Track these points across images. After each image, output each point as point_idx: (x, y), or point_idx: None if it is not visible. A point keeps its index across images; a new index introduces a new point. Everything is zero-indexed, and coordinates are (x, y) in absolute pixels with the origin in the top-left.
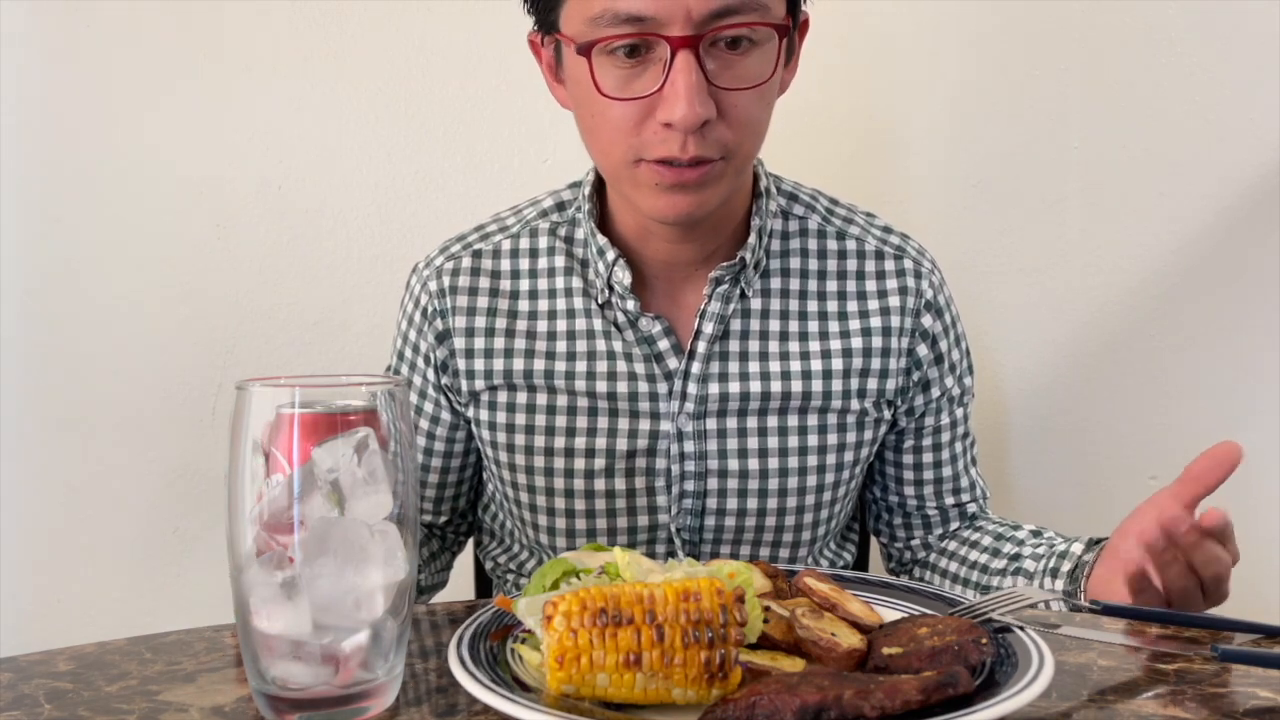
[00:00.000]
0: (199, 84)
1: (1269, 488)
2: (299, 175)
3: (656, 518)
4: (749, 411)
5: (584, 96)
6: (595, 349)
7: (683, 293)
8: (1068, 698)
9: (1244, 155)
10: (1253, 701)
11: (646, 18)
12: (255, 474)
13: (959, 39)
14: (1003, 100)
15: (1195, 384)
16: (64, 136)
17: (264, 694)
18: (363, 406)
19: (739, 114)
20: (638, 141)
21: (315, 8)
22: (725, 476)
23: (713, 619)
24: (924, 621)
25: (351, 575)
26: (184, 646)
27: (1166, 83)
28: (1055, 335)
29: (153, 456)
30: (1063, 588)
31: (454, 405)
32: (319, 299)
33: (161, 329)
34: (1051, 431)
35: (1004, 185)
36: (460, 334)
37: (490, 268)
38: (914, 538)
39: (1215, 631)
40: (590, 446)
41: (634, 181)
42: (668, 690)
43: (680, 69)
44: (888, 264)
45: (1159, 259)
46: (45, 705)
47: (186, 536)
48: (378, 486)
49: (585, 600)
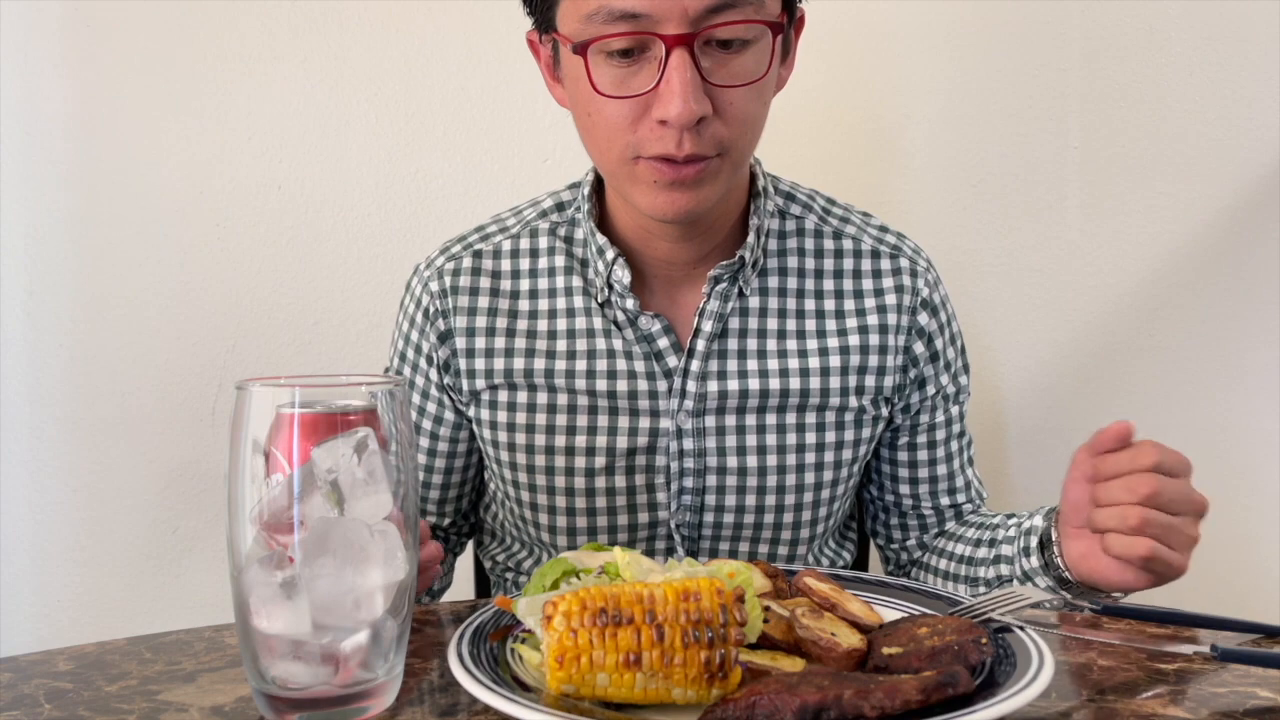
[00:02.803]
0: (199, 84)
1: (1269, 488)
2: (299, 175)
3: (656, 515)
4: (748, 409)
5: (581, 95)
6: (595, 348)
7: (681, 292)
8: (1068, 698)
9: (1244, 155)
10: (1252, 701)
11: (641, 15)
12: (255, 474)
13: (959, 38)
14: (1003, 100)
15: (1195, 384)
16: (64, 136)
17: (264, 694)
18: (363, 406)
19: (735, 111)
20: (634, 139)
21: (315, 8)
22: (724, 474)
23: (713, 619)
24: (924, 621)
25: (351, 575)
26: (184, 646)
27: (1166, 83)
28: (1055, 335)
29: (153, 456)
30: (1037, 563)
31: (456, 405)
32: (319, 299)
33: (161, 328)
34: (1051, 431)
35: (1004, 185)
36: (461, 334)
37: (490, 268)
38: (909, 538)
39: (1215, 631)
40: (590, 445)
41: (632, 179)
42: (668, 690)
43: (675, 66)
44: (884, 263)
45: (1159, 259)
46: (45, 705)
47: (186, 536)
48: (377, 486)
49: (585, 600)
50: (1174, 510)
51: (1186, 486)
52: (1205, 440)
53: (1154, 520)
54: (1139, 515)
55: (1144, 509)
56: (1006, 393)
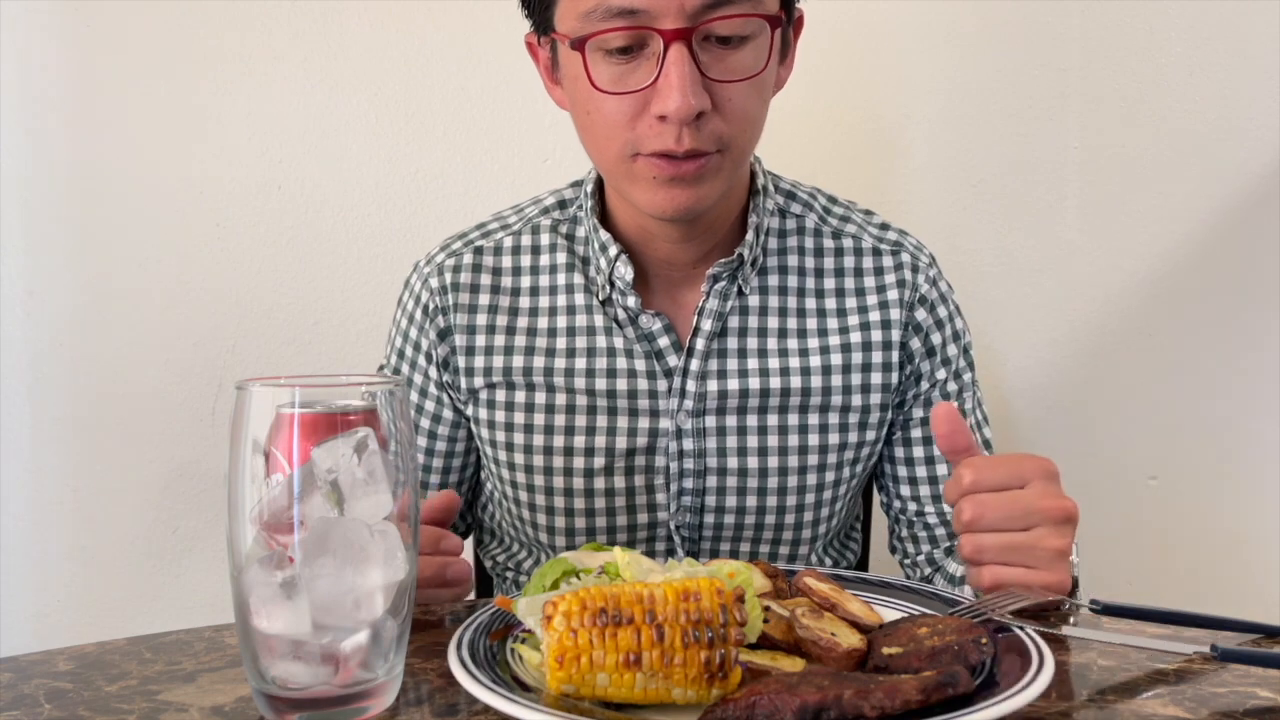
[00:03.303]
0: (199, 84)
1: (1269, 488)
2: (299, 175)
3: (656, 516)
4: (748, 409)
5: (579, 93)
6: (595, 346)
7: (682, 290)
8: (1068, 698)
9: (1244, 155)
10: (1253, 701)
11: (639, 10)
12: (255, 474)
13: (959, 39)
14: (1003, 100)
15: (1195, 384)
16: (64, 136)
17: (264, 694)
18: (363, 406)
19: (733, 107)
20: (633, 136)
21: (315, 8)
22: (724, 474)
23: (713, 619)
24: (924, 621)
25: (351, 575)
26: (184, 646)
27: (1166, 83)
28: (1055, 335)
29: (153, 456)
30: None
31: (455, 404)
32: (319, 299)
33: (162, 329)
34: (1051, 431)
35: (1004, 185)
36: (461, 331)
37: (491, 265)
38: (920, 553)
39: (1215, 631)
40: (590, 445)
41: (631, 177)
42: (668, 690)
43: (674, 61)
44: (885, 260)
45: (1159, 259)
46: (45, 705)
47: (186, 536)
48: (377, 486)
49: (585, 600)
50: (1008, 527)
51: (1026, 498)
52: (1205, 440)
53: (985, 545)
54: (969, 544)
55: (972, 536)
56: (1006, 393)
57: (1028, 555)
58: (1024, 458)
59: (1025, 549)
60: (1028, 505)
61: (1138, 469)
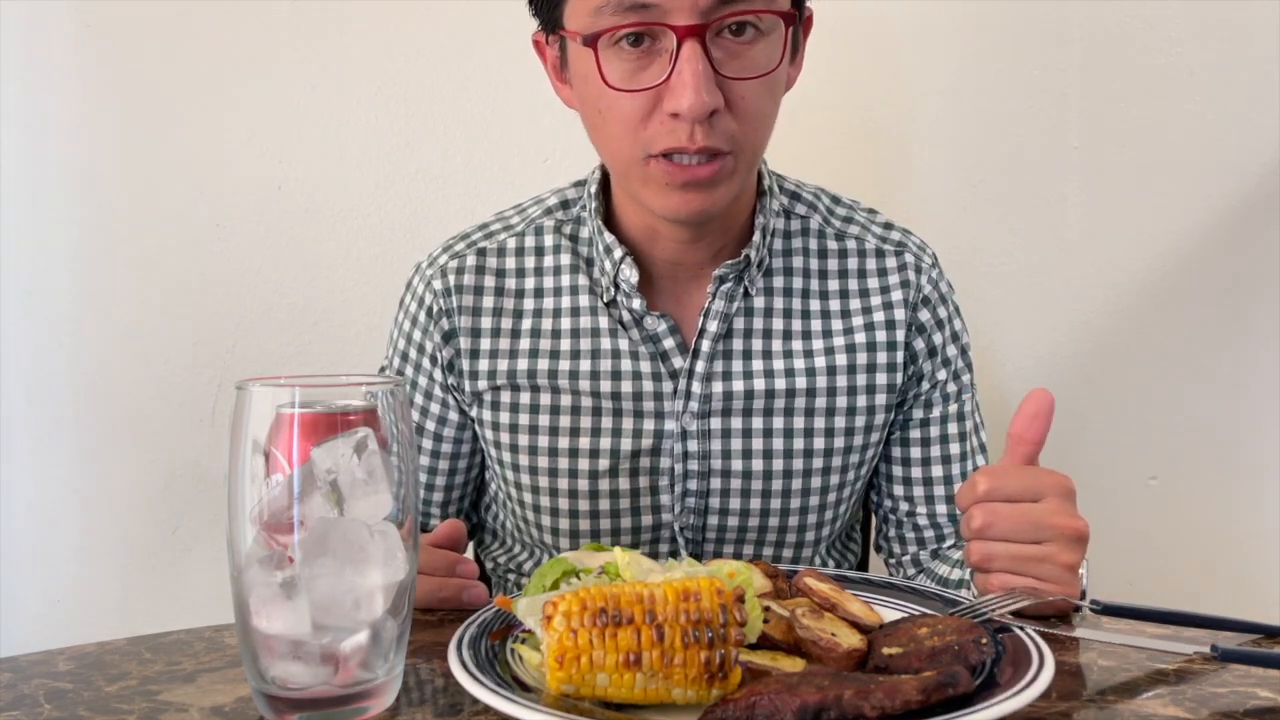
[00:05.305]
0: (199, 84)
1: (1269, 488)
2: (299, 175)
3: (660, 517)
4: (753, 411)
5: (591, 92)
6: (600, 347)
7: (687, 292)
8: (1068, 698)
9: (1244, 155)
10: (1253, 701)
11: (652, 5)
12: (255, 474)
13: (960, 39)
14: (1003, 100)
15: (1195, 384)
16: (64, 137)
17: (264, 694)
18: (363, 406)
19: (746, 105)
20: (645, 135)
21: (315, 8)
22: (729, 476)
23: (713, 619)
24: (924, 621)
25: (351, 575)
26: (184, 646)
27: (1166, 82)
28: (1055, 335)
29: (153, 456)
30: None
31: (460, 405)
32: (319, 299)
33: (162, 329)
34: (1051, 432)
35: (1004, 185)
36: (465, 334)
37: (495, 266)
38: (906, 553)
39: (1215, 631)
40: (594, 447)
41: (644, 179)
42: (668, 690)
43: (687, 58)
44: (889, 261)
45: (1159, 259)
46: (45, 705)
47: (186, 536)
48: (377, 487)
49: (585, 600)
50: (1017, 539)
51: (1039, 513)
52: (1205, 440)
53: (995, 553)
54: (977, 552)
55: (982, 543)
56: (1006, 393)
57: (1037, 568)
58: (1042, 472)
59: (1034, 562)
60: (1040, 520)
61: (1138, 469)
